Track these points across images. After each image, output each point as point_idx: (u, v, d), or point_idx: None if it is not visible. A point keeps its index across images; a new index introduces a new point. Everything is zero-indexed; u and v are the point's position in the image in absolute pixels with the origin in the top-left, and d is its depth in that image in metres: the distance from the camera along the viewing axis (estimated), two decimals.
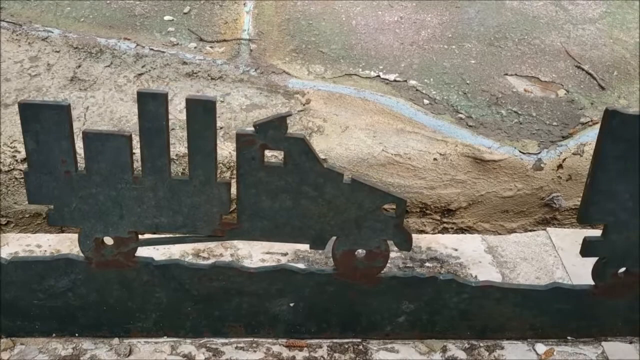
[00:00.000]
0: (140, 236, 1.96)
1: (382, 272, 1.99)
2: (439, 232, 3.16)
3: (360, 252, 1.96)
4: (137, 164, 1.84)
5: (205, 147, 1.75)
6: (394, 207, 1.87)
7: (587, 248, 1.93)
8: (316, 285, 2.01)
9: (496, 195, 3.06)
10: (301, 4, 3.88)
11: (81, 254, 1.95)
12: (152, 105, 1.70)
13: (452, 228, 3.14)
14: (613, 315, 2.09)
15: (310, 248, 1.95)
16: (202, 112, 1.70)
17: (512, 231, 3.10)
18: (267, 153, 1.80)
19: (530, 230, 2.94)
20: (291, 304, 2.04)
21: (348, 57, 3.61)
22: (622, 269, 1.99)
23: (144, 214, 1.86)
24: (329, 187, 1.82)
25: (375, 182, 2.68)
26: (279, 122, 1.73)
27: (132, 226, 1.88)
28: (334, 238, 1.93)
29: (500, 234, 3.10)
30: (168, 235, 1.94)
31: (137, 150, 1.82)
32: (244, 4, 3.83)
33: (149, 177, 1.80)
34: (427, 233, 3.09)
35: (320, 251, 2.41)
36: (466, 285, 2.02)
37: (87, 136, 1.75)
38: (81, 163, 1.83)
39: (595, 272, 1.99)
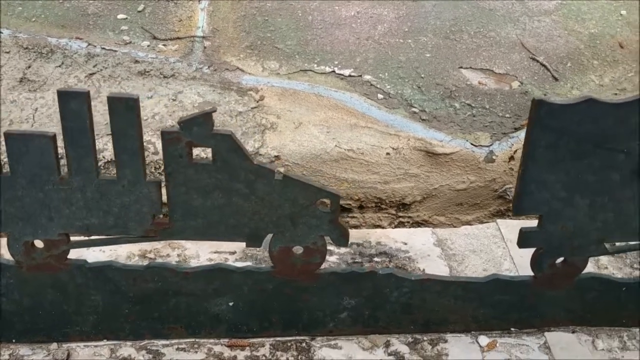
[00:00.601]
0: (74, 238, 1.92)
1: (321, 268, 1.98)
2: (395, 227, 3.16)
3: (298, 248, 1.94)
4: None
5: (130, 145, 1.72)
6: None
7: (523, 239, 1.92)
8: (254, 284, 1.98)
9: (450, 188, 3.06)
10: (257, 1, 3.84)
11: (11, 258, 1.91)
12: (73, 104, 1.66)
13: (408, 222, 3.14)
14: (554, 305, 2.09)
15: (247, 246, 1.92)
16: (124, 111, 1.67)
17: (467, 224, 3.10)
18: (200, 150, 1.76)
19: (485, 222, 2.95)
20: (230, 303, 2.02)
21: (303, 52, 3.58)
22: (560, 259, 2.00)
23: (74, 216, 1.82)
24: (260, 184, 1.80)
25: (308, 177, 2.66)
26: (204, 118, 1.70)
27: (62, 228, 1.85)
28: (270, 235, 1.91)
29: (455, 227, 3.10)
30: (100, 237, 1.90)
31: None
32: (199, 1, 3.79)
33: (76, 178, 1.77)
34: (383, 228, 3.09)
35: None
36: (405, 280, 2.01)
37: (9, 137, 1.71)
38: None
39: (534, 263, 1.98)
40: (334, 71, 3.47)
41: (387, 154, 3.02)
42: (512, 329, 2.14)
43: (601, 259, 2.47)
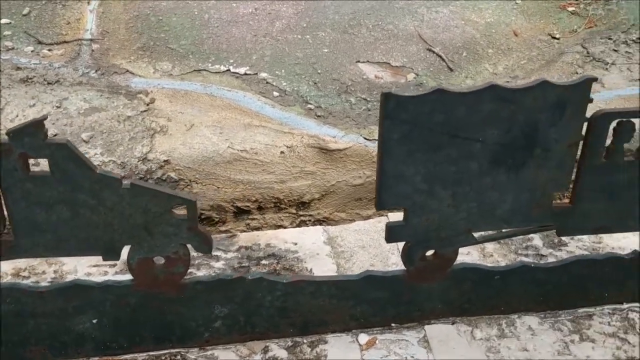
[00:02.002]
0: None
1: (186, 277, 1.89)
2: (297, 226, 3.10)
3: (159, 259, 1.85)
4: None
5: None
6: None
7: (390, 234, 1.90)
8: (117, 299, 1.88)
9: (347, 184, 3.02)
10: (151, 0, 3.71)
11: None
12: None
13: (310, 220, 3.09)
14: (431, 298, 2.08)
15: (104, 260, 1.82)
16: None
17: (368, 218, 3.08)
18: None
19: (376, 217, 2.93)
20: (94, 321, 1.91)
21: (198, 52, 3.48)
22: (430, 252, 1.98)
23: None
24: (107, 194, 1.70)
25: (158, 185, 2.55)
26: (35, 127, 1.59)
27: None
28: (128, 247, 1.82)
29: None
30: None
31: None
32: (88, 3, 3.62)
33: None
34: (285, 228, 3.03)
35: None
36: (277, 283, 1.95)
37: None
38: None
39: (404, 257, 1.96)
40: (229, 70, 3.38)
41: (282, 152, 2.96)
42: (393, 325, 2.12)
43: (487, 247, 2.48)
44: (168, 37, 3.48)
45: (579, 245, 2.48)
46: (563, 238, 2.51)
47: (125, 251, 1.82)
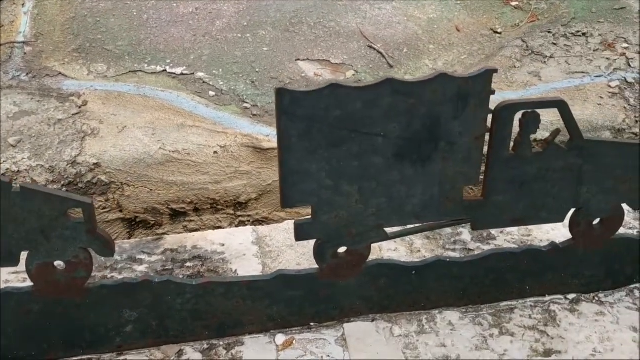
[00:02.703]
0: None
1: (90, 282, 1.85)
2: (236, 227, 3.06)
3: (60, 264, 1.81)
4: None
5: None
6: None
7: (299, 232, 1.86)
8: (17, 306, 1.83)
9: None
10: (89, 1, 3.65)
11: None
12: None
13: (249, 221, 3.05)
14: (349, 295, 2.05)
15: (1, 266, 1.77)
16: None
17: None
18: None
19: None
20: None
21: (134, 53, 3.42)
22: (342, 249, 1.96)
23: None
24: None
25: (50, 188, 2.49)
26: None
27: None
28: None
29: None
30: None
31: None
32: (22, 4, 3.55)
33: None
34: (223, 229, 2.98)
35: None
36: (186, 285, 1.91)
37: None
38: None
39: (316, 255, 1.93)
40: (165, 70, 3.33)
41: (215, 152, 2.92)
42: (312, 324, 2.08)
43: (415, 242, 2.46)
44: (105, 39, 3.42)
45: (507, 239, 2.47)
46: (492, 232, 2.50)
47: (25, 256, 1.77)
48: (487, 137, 1.85)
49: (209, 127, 2.98)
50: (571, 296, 2.19)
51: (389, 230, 1.94)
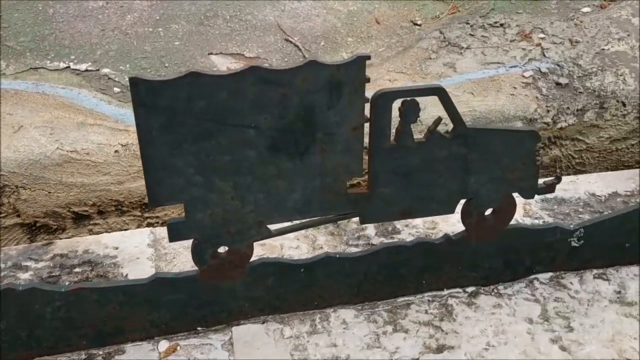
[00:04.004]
0: None
1: None
2: (146, 227, 2.93)
3: None
4: None
5: None
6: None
7: (173, 232, 1.76)
8: None
9: None
10: None
11: None
12: None
13: (157, 223, 2.92)
14: (236, 297, 1.96)
15: None
16: None
17: None
18: None
19: None
20: None
21: (37, 49, 3.24)
22: (223, 248, 1.86)
23: None
24: None
25: None
26: None
27: None
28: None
29: None
30: None
31: None
32: None
33: None
34: (119, 231, 2.82)
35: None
36: (54, 293, 1.78)
37: None
38: None
39: (193, 256, 1.83)
40: (69, 67, 3.17)
41: (116, 151, 2.78)
42: (200, 329, 1.99)
43: (318, 239, 2.38)
44: (6, 35, 3.24)
45: (412, 233, 2.42)
46: (397, 226, 2.44)
47: None
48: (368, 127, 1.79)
49: (110, 125, 2.84)
50: (470, 289, 2.14)
51: (272, 226, 1.86)
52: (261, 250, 2.30)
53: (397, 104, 1.77)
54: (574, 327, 2.00)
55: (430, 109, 2.92)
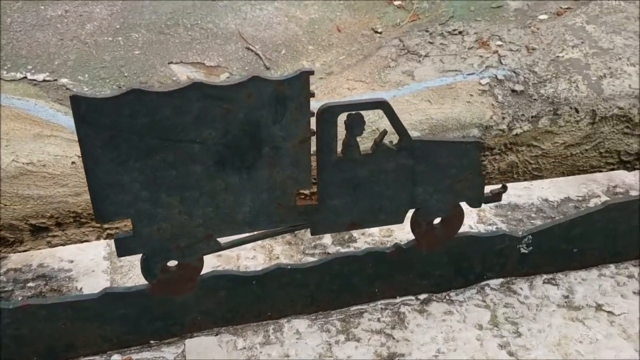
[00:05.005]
0: None
1: None
2: (104, 239, 2.92)
3: None
4: None
5: None
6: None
7: (120, 247, 1.76)
8: None
9: None
10: None
11: None
12: None
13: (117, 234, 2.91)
14: (188, 310, 1.96)
15: None
16: None
17: None
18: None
19: None
20: None
21: None
22: (173, 262, 1.87)
23: None
24: None
25: None
26: None
27: None
28: None
29: None
30: None
31: None
32: None
33: None
34: (74, 244, 2.80)
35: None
36: (2, 310, 1.77)
37: None
38: None
39: (142, 271, 1.84)
40: (26, 77, 3.13)
41: (73, 163, 2.76)
42: (153, 342, 1.99)
43: (275, 249, 2.40)
44: None
45: (368, 241, 2.45)
46: (353, 234, 2.47)
47: None
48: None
49: (67, 136, 2.82)
50: (422, 296, 2.18)
51: (222, 240, 1.87)
52: (217, 261, 2.32)
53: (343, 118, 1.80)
54: (522, 333, 2.05)
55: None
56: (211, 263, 2.28)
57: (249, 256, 2.34)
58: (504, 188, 2.04)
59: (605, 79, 3.19)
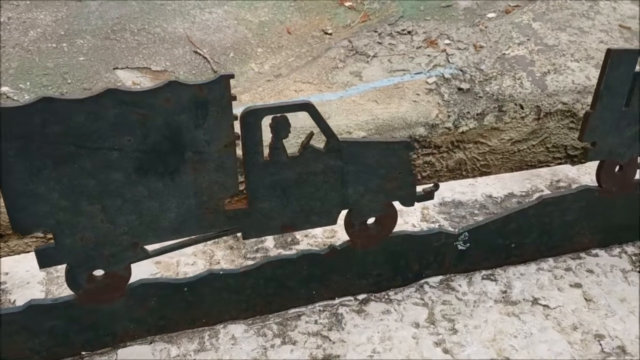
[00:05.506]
0: None
1: None
2: None
3: None
4: None
5: None
6: None
7: (42, 259, 1.73)
8: None
9: None
10: None
11: None
12: None
13: None
14: (118, 320, 1.94)
15: None
16: None
17: None
18: None
19: None
20: None
21: None
22: (100, 272, 1.84)
23: None
24: None
25: None
26: None
27: None
28: None
29: None
30: None
31: None
32: None
33: None
34: (10, 256, 2.74)
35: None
36: None
37: None
38: None
39: (67, 282, 1.81)
40: None
41: None
42: (84, 353, 1.95)
43: (216, 254, 2.39)
44: None
45: (310, 243, 2.44)
46: (296, 236, 2.46)
47: None
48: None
49: None
50: (361, 296, 2.18)
51: (150, 247, 1.84)
52: (156, 268, 2.29)
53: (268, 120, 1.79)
54: (458, 329, 2.06)
55: (336, 117, 2.96)
56: (149, 270, 2.26)
57: (189, 262, 2.32)
58: (436, 186, 2.05)
59: (550, 75, 3.24)
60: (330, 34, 3.64)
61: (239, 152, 1.78)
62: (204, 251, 2.38)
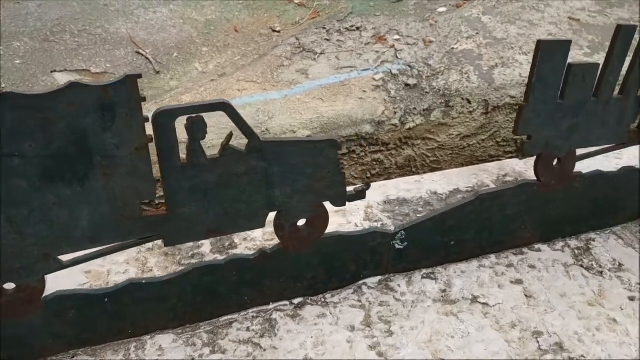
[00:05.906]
0: None
1: None
2: None
3: None
4: None
5: None
6: None
7: None
8: None
9: None
10: None
11: None
12: None
13: None
14: (35, 334, 1.85)
15: None
16: None
17: None
18: None
19: None
20: None
21: None
22: (9, 285, 1.76)
23: None
24: None
25: None
26: None
27: None
28: None
29: None
30: None
31: None
32: None
33: None
34: None
35: None
36: None
37: None
38: None
39: None
40: None
41: None
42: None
43: (149, 261, 2.31)
44: None
45: (249, 246, 2.37)
46: (234, 240, 2.39)
47: None
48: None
49: None
50: (297, 301, 2.12)
51: (65, 257, 1.76)
52: (85, 278, 2.20)
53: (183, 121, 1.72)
54: (394, 331, 2.01)
55: (280, 117, 2.90)
56: (78, 280, 2.17)
57: (121, 270, 2.24)
58: (367, 186, 1.99)
59: (497, 69, 3.21)
60: (279, 32, 3.57)
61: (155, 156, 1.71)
62: (137, 258, 2.30)
